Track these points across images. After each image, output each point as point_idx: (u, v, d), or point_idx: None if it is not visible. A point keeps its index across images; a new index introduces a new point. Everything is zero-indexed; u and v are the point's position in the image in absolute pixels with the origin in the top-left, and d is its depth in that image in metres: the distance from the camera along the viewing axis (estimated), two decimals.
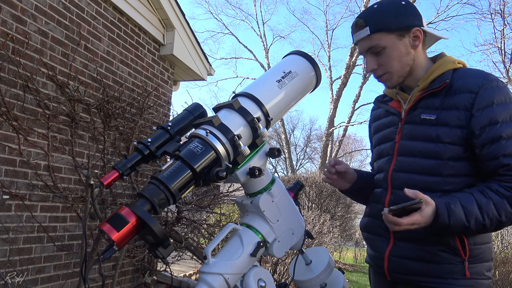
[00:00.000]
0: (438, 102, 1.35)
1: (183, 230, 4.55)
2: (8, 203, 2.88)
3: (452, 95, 1.34)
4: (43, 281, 3.18)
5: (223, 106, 1.30)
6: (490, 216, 1.22)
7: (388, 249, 1.41)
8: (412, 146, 1.39)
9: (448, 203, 1.23)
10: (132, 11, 4.12)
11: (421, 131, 1.37)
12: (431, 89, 1.37)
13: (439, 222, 1.20)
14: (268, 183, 1.33)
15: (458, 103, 1.31)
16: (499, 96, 1.29)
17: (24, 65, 2.98)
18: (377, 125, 1.61)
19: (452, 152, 1.31)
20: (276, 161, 23.77)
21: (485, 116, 1.27)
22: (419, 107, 1.40)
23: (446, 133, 1.31)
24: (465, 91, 1.31)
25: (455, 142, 1.31)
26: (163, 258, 1.08)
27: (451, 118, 1.31)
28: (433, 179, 1.34)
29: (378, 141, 1.57)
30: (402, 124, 1.44)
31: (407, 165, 1.39)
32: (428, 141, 1.35)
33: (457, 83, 1.35)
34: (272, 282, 1.28)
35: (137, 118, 4.06)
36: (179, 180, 1.11)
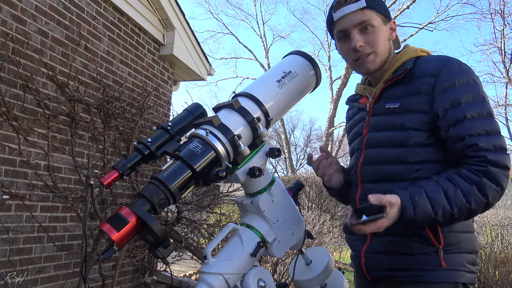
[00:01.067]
0: (401, 90, 1.34)
1: (183, 230, 4.55)
2: (8, 203, 2.88)
3: (414, 81, 1.32)
4: (43, 281, 3.18)
5: (223, 106, 1.30)
6: (458, 205, 1.17)
7: (364, 247, 1.38)
8: (378, 137, 1.36)
9: (412, 195, 1.18)
10: (132, 11, 4.11)
11: (386, 121, 1.35)
12: (393, 78, 1.35)
13: (406, 217, 1.17)
14: (268, 183, 1.33)
15: (420, 88, 1.29)
16: (461, 77, 1.26)
17: (24, 65, 2.98)
18: (350, 124, 1.59)
19: (416, 138, 1.28)
20: (276, 161, 23.79)
21: (447, 98, 1.24)
22: (383, 98, 1.38)
23: (410, 119, 1.29)
24: (426, 75, 1.29)
25: (419, 128, 1.28)
26: (163, 258, 1.08)
27: (414, 104, 1.29)
28: (399, 167, 1.30)
29: (350, 139, 1.56)
30: (369, 117, 1.42)
31: (373, 156, 1.37)
32: (393, 129, 1.32)
33: (419, 69, 1.33)
34: (272, 282, 1.28)
35: (137, 118, 4.06)
36: (179, 180, 1.11)
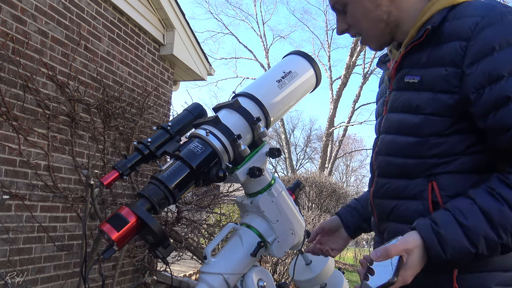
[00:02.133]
0: (425, 56, 1.00)
1: (183, 230, 4.55)
2: (8, 203, 2.88)
3: (441, 45, 0.96)
4: (43, 281, 3.18)
5: (223, 106, 1.30)
6: (508, 229, 0.83)
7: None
8: (392, 119, 1.07)
9: (436, 226, 0.86)
10: (132, 11, 4.11)
11: (403, 99, 1.04)
12: (414, 41, 1.00)
13: (435, 258, 0.86)
14: (268, 183, 1.33)
15: (444, 57, 0.94)
16: (502, 36, 0.87)
17: (24, 65, 2.98)
18: (378, 93, 1.28)
19: (435, 126, 0.96)
20: (276, 161, 23.79)
21: (481, 72, 0.88)
22: (405, 67, 1.06)
23: (428, 100, 0.97)
24: (455, 38, 0.93)
25: (440, 113, 0.96)
26: (163, 258, 1.08)
27: (435, 80, 0.96)
28: (411, 161, 1.01)
29: (376, 114, 1.27)
30: (390, 91, 1.11)
31: (385, 144, 1.09)
32: (407, 112, 1.02)
33: (450, 25, 0.96)
34: (272, 282, 1.28)
35: (137, 118, 4.06)
36: (179, 180, 1.11)
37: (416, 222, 0.90)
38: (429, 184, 0.97)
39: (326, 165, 17.57)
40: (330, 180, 11.22)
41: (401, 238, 0.88)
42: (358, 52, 16.16)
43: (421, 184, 0.99)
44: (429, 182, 0.97)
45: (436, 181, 0.97)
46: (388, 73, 1.11)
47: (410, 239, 0.87)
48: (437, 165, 0.97)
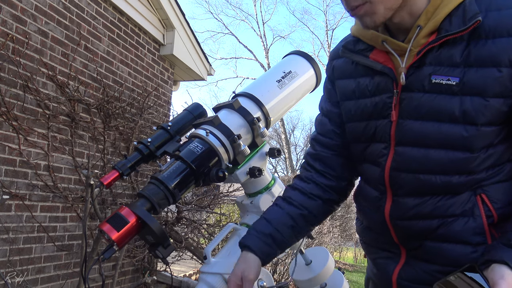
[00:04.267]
0: (459, 54, 0.83)
1: (183, 230, 4.55)
2: (8, 203, 2.88)
3: (482, 40, 0.81)
4: (43, 281, 3.18)
5: (223, 106, 1.30)
6: None
7: (397, 269, 1.00)
8: (420, 129, 0.88)
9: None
10: (132, 11, 4.11)
11: (435, 104, 0.85)
12: (448, 34, 0.83)
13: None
14: (268, 183, 1.33)
15: (496, 55, 0.80)
16: None
17: (24, 65, 2.98)
18: (349, 88, 1.04)
19: (488, 138, 0.84)
20: (276, 161, 23.77)
21: None
22: (428, 64, 0.87)
23: (479, 108, 0.81)
24: (505, 33, 0.79)
25: (493, 122, 0.82)
26: (163, 258, 1.08)
27: (486, 82, 0.80)
28: (458, 179, 0.87)
29: (356, 114, 1.02)
30: (399, 92, 0.91)
31: (413, 160, 0.90)
32: (447, 121, 0.84)
33: (490, 17, 0.81)
34: (272, 282, 1.28)
35: (137, 118, 4.06)
36: (179, 180, 1.11)
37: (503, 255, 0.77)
38: (478, 199, 0.87)
39: None
40: None
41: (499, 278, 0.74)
42: None
43: (468, 199, 0.88)
44: (476, 196, 0.88)
45: (485, 193, 0.87)
46: (402, 69, 0.89)
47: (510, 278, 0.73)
48: (485, 179, 0.87)
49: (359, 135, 1.02)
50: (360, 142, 1.03)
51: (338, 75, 1.08)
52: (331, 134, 1.11)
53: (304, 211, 1.10)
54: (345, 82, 1.05)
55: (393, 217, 0.96)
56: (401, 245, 0.98)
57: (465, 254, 0.88)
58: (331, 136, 1.12)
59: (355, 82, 1.02)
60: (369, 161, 1.02)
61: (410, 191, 0.92)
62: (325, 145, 1.13)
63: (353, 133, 1.04)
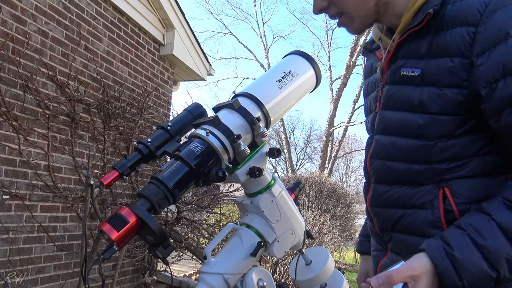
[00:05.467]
0: (425, 46, 0.87)
1: (183, 230, 4.55)
2: (8, 203, 2.88)
3: (443, 31, 0.84)
4: (43, 281, 3.18)
5: (223, 106, 1.30)
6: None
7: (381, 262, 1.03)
8: (389, 118, 0.94)
9: (449, 249, 0.74)
10: (132, 11, 4.11)
11: (400, 95, 0.91)
12: (411, 27, 0.87)
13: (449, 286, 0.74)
14: (268, 183, 1.33)
15: (448, 46, 0.82)
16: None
17: (24, 65, 2.98)
18: (366, 85, 1.13)
19: (443, 127, 0.84)
20: (276, 161, 23.80)
21: (494, 63, 0.76)
22: (400, 57, 0.92)
23: (433, 97, 0.84)
24: (460, 22, 0.81)
25: (447, 111, 0.83)
26: (163, 258, 1.08)
27: (439, 72, 0.83)
28: (417, 168, 0.89)
29: (366, 110, 1.12)
30: (383, 85, 0.97)
31: (383, 147, 0.95)
32: (408, 110, 0.89)
33: (452, 9, 0.84)
34: (272, 282, 1.28)
35: (137, 118, 4.06)
36: (179, 180, 1.11)
37: (425, 243, 0.78)
38: (440, 191, 0.87)
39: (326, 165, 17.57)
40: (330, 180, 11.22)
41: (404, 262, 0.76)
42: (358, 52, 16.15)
43: (430, 191, 0.88)
44: (439, 189, 0.87)
45: (448, 187, 0.86)
46: (380, 65, 0.96)
47: (416, 264, 0.75)
48: (448, 170, 0.86)
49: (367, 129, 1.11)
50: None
51: (365, 75, 1.17)
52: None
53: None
54: (367, 80, 1.14)
55: (371, 203, 1.02)
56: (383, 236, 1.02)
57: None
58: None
59: (367, 81, 1.12)
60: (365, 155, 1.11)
61: (381, 178, 0.98)
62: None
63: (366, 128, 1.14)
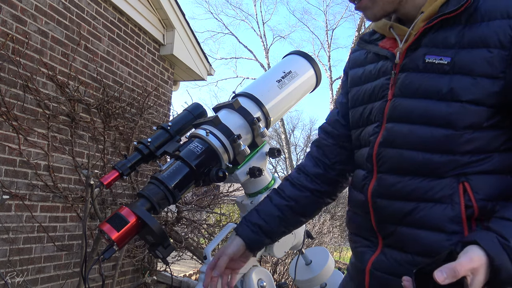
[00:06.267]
0: (454, 36, 0.87)
1: (183, 230, 4.55)
2: (8, 203, 2.88)
3: (477, 23, 0.85)
4: (43, 281, 3.18)
5: (223, 106, 1.30)
6: None
7: (372, 259, 0.98)
8: (409, 106, 0.91)
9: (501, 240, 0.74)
10: (132, 11, 4.11)
11: (425, 82, 0.89)
12: (442, 15, 0.87)
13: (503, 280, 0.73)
14: (268, 183, 1.33)
15: (487, 37, 0.83)
16: None
17: (24, 65, 2.98)
18: (357, 75, 1.09)
19: (473, 117, 0.84)
20: (276, 161, 23.77)
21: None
22: (423, 45, 0.91)
23: (467, 85, 0.83)
24: (500, 15, 0.83)
25: (480, 101, 0.83)
26: (163, 258, 1.08)
27: (475, 61, 0.83)
28: (439, 158, 0.87)
29: (358, 99, 1.07)
30: (397, 72, 0.95)
31: (399, 136, 0.92)
32: (435, 98, 0.87)
33: (486, 3, 0.86)
34: (272, 282, 1.28)
35: (137, 118, 4.06)
36: (179, 180, 1.11)
37: (476, 236, 0.76)
38: (460, 186, 0.86)
39: None
40: None
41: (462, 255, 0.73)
42: None
43: (449, 185, 0.86)
44: (459, 183, 0.86)
45: (468, 182, 0.85)
46: (398, 49, 0.94)
47: (474, 256, 0.72)
48: (469, 164, 0.85)
49: (357, 120, 1.06)
50: (358, 127, 1.06)
51: (351, 65, 1.14)
52: (336, 123, 1.18)
53: (291, 202, 1.17)
54: (356, 70, 1.11)
55: (374, 194, 0.96)
56: (378, 231, 0.97)
57: (438, 241, 0.86)
58: (335, 126, 1.18)
59: (362, 69, 1.08)
60: (362, 145, 1.05)
61: (393, 168, 0.93)
62: (328, 133, 1.19)
63: (354, 119, 1.08)
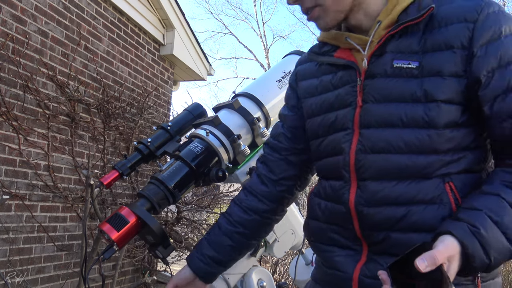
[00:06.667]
0: (416, 42, 0.91)
1: (183, 230, 4.55)
2: (8, 203, 2.88)
3: (436, 29, 0.90)
4: (43, 281, 3.18)
5: (223, 106, 1.30)
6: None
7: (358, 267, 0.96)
8: (385, 111, 0.92)
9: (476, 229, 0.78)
10: (132, 11, 4.11)
11: (397, 87, 0.91)
12: (405, 22, 0.90)
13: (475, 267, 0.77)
14: None
15: (449, 39, 0.88)
16: (506, 23, 0.87)
17: (24, 65, 2.98)
18: (312, 86, 1.08)
19: (449, 115, 0.88)
20: None
21: (492, 54, 0.85)
22: (389, 51, 0.93)
23: (439, 86, 0.87)
24: (456, 20, 0.89)
25: (453, 100, 0.88)
26: (163, 258, 1.08)
27: (442, 63, 0.88)
28: (426, 159, 0.89)
29: (316, 109, 1.05)
30: (362, 79, 0.95)
31: (381, 140, 0.92)
32: (409, 101, 0.89)
33: (442, 10, 0.91)
34: (272, 282, 1.28)
35: (137, 118, 4.06)
36: (179, 180, 1.11)
37: (448, 226, 0.80)
38: (446, 186, 0.88)
39: None
40: None
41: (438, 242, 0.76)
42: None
43: (436, 185, 0.88)
44: (445, 184, 0.88)
45: (452, 182, 0.88)
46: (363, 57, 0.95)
47: (450, 244, 0.76)
48: (451, 163, 0.89)
49: (316, 130, 1.05)
50: (318, 137, 1.05)
51: (301, 77, 1.13)
52: (280, 137, 1.15)
53: (239, 228, 1.14)
54: (308, 81, 1.09)
55: (359, 203, 0.93)
56: (363, 239, 0.95)
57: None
58: (280, 139, 1.15)
59: (318, 80, 1.06)
60: (327, 154, 1.02)
61: (378, 174, 0.92)
62: (273, 148, 1.16)
63: (312, 129, 1.07)
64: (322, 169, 1.06)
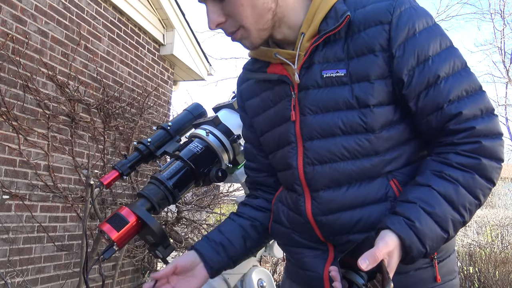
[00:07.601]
0: (340, 49, 0.92)
1: (183, 230, 4.55)
2: (8, 203, 2.88)
3: (356, 34, 0.91)
4: (43, 281, 3.18)
5: (223, 106, 1.30)
6: (467, 207, 0.85)
7: (327, 266, 0.98)
8: (323, 121, 0.94)
9: (411, 221, 0.82)
10: (132, 11, 4.11)
11: (330, 96, 0.93)
12: (326, 33, 0.91)
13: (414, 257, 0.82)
14: None
15: (369, 43, 0.90)
16: (419, 19, 0.89)
17: (24, 65, 2.98)
18: (254, 104, 1.10)
19: (384, 117, 0.91)
20: None
21: (410, 53, 0.88)
22: (316, 62, 0.95)
23: (368, 91, 0.89)
24: (373, 23, 0.90)
25: (384, 101, 0.90)
26: (163, 258, 1.08)
27: (367, 67, 0.90)
28: (370, 161, 0.92)
29: (264, 126, 1.07)
30: (296, 93, 0.97)
31: (324, 151, 0.94)
32: (344, 109, 0.92)
33: (358, 13, 0.92)
34: (272, 282, 1.28)
35: (137, 118, 4.06)
36: (179, 180, 1.12)
37: (387, 221, 0.84)
38: (391, 183, 0.92)
39: None
40: None
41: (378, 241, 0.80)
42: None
43: (382, 184, 0.92)
44: (389, 181, 0.92)
45: (395, 178, 0.93)
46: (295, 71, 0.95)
47: (389, 240, 0.80)
48: (393, 160, 0.93)
49: (269, 146, 1.07)
50: (272, 151, 1.07)
51: (245, 97, 1.14)
52: (256, 158, 1.16)
53: (255, 222, 1.13)
54: (252, 101, 1.11)
55: (316, 214, 0.96)
56: (328, 242, 0.98)
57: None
58: (256, 160, 1.16)
59: (259, 98, 1.08)
60: (280, 168, 1.05)
61: (328, 183, 0.95)
62: (255, 170, 1.17)
63: (266, 146, 1.09)
64: (281, 181, 1.09)
